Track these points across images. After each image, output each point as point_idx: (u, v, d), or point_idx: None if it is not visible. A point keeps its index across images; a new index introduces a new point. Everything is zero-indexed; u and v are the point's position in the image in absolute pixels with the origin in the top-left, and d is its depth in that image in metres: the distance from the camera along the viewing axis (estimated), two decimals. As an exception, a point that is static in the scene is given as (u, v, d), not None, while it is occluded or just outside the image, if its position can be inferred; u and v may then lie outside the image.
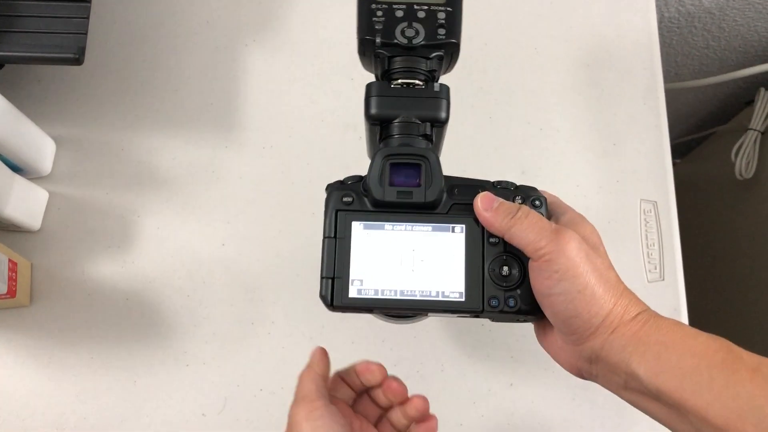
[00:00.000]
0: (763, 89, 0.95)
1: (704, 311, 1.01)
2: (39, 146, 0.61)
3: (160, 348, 0.60)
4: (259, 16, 0.70)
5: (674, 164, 0.70)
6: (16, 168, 0.59)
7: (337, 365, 0.61)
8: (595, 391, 0.60)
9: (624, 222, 0.66)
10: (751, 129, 0.95)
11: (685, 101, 1.10)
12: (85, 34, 0.56)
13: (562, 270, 0.38)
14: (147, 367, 0.60)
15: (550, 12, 0.73)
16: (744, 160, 0.95)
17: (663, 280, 0.64)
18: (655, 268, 0.64)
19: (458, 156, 0.64)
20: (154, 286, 0.61)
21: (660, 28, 0.72)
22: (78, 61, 0.55)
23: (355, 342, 0.61)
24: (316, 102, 0.68)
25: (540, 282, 0.40)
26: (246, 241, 0.63)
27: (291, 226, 0.64)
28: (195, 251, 0.63)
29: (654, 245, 0.65)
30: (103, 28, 0.68)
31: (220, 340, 0.61)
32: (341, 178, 0.44)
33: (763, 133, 0.96)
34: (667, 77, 0.70)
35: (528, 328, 0.62)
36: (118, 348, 0.60)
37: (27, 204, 0.59)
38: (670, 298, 0.63)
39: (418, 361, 0.61)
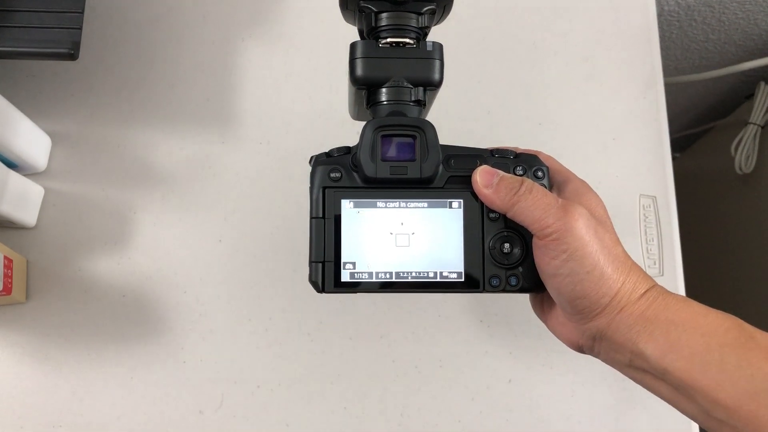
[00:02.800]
0: (763, 83, 0.95)
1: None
2: (34, 142, 0.61)
3: (157, 345, 0.60)
4: (256, 11, 0.70)
5: (673, 159, 0.69)
6: (11, 164, 0.58)
7: (334, 361, 0.61)
8: (594, 387, 0.60)
9: (623, 217, 0.65)
10: (751, 123, 0.95)
11: (684, 95, 1.09)
12: (80, 28, 0.55)
13: (570, 250, 0.37)
14: (144, 364, 0.59)
15: (548, 5, 0.72)
16: (744, 154, 0.95)
17: (662, 275, 0.64)
18: (655, 264, 0.63)
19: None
20: (150, 283, 0.61)
21: (659, 22, 0.72)
22: (72, 56, 0.55)
23: (353, 338, 0.61)
24: (314, 97, 0.67)
25: (545, 262, 0.39)
26: (243, 238, 0.63)
27: (288, 222, 0.63)
28: (191, 248, 0.62)
29: (653, 241, 0.65)
30: (99, 23, 0.67)
31: (217, 337, 0.60)
32: (327, 151, 0.41)
33: (762, 127, 0.95)
34: (667, 71, 0.70)
35: (527, 324, 0.61)
36: (115, 345, 0.59)
37: (22, 200, 0.59)
38: (670, 293, 0.63)
39: (416, 357, 0.61)
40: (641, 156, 0.67)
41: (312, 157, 0.42)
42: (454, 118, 0.67)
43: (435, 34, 0.42)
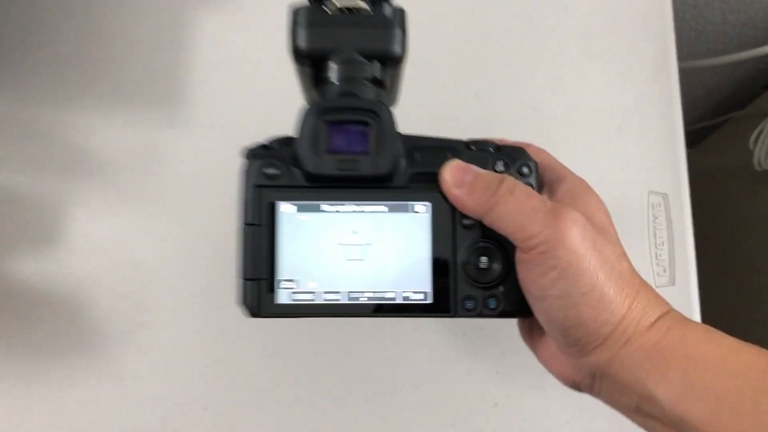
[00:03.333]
0: (784, 69, 0.87)
1: (720, 320, 0.92)
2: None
3: (90, 359, 0.52)
4: (213, -23, 0.61)
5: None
6: None
7: (294, 382, 0.53)
8: (594, 415, 0.52)
9: (629, 217, 0.57)
10: (770, 114, 0.87)
11: (698, 83, 1.00)
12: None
13: (562, 265, 0.30)
14: (73, 381, 0.52)
15: (547, -25, 0.63)
16: (764, 149, 0.87)
17: (673, 284, 0.56)
18: (665, 271, 0.55)
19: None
20: (84, 287, 0.53)
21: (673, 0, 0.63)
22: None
23: (318, 355, 0.53)
24: (276, 74, 0.59)
25: (531, 280, 0.32)
26: (191, 237, 0.55)
27: (243, 219, 0.55)
28: (132, 247, 0.54)
29: (663, 245, 0.57)
30: (30, -11, 0.59)
31: (159, 351, 0.52)
32: (264, 141, 0.34)
33: (783, 119, 0.87)
34: (679, 56, 0.61)
35: (517, 339, 0.53)
36: (41, 358, 0.52)
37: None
38: (682, 305, 0.54)
39: (390, 376, 0.53)
40: (650, 147, 0.59)
41: (245, 149, 0.35)
42: (436, 104, 0.59)
43: (412, 4, 0.35)
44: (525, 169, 0.34)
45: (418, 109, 0.49)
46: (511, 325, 0.53)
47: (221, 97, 0.58)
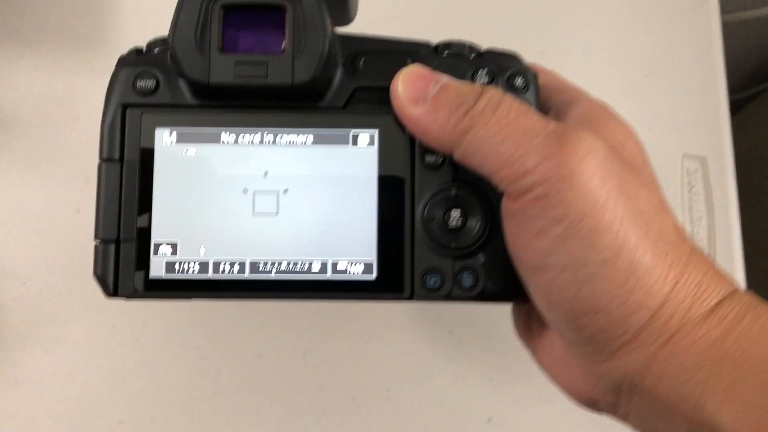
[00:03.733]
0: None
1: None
2: None
3: (-21, 359, 0.41)
4: None
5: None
6: None
7: (234, 388, 0.42)
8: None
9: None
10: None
11: (739, 40, 0.87)
12: None
13: (571, 217, 0.21)
14: (-42, 387, 0.41)
15: None
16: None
17: (715, 269, 0.44)
18: (703, 250, 0.44)
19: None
20: (-25, 269, 0.43)
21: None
22: None
23: (263, 354, 0.42)
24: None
25: (524, 242, 0.22)
26: (111, 207, 0.44)
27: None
28: (38, 220, 0.44)
29: (701, 220, 0.46)
30: None
31: (66, 350, 0.42)
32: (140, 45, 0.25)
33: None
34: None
35: (515, 336, 0.42)
36: None
37: None
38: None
39: (354, 384, 0.42)
40: (685, 101, 0.48)
41: (120, 58, 0.25)
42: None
43: None
44: (518, 80, 0.24)
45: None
46: (509, 317, 0.42)
47: (150, 38, 0.47)
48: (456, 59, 0.24)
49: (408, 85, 0.23)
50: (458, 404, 0.42)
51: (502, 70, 0.24)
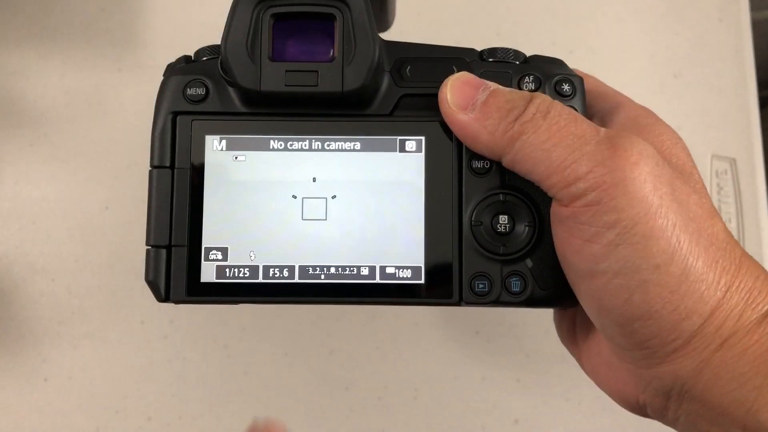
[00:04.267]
0: None
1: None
2: None
3: (9, 354, 0.42)
4: None
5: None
6: None
7: (261, 386, 0.43)
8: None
9: (689, 187, 0.45)
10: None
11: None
12: None
13: (624, 223, 0.21)
14: (-11, 382, 0.41)
15: None
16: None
17: (745, 272, 0.44)
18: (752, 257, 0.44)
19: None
20: (5, 265, 0.43)
21: None
22: None
23: (290, 354, 0.42)
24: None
25: (575, 248, 0.22)
26: (139, 204, 0.44)
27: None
28: (67, 216, 0.44)
29: (730, 221, 0.45)
30: None
31: (94, 346, 0.42)
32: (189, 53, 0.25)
33: None
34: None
35: (545, 337, 0.43)
36: (-49, 352, 0.42)
37: None
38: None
39: (381, 383, 0.42)
40: (715, 101, 0.48)
41: (168, 66, 0.26)
42: (448, 42, 0.48)
43: None
44: (566, 87, 0.24)
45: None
46: (541, 316, 0.42)
47: (182, 35, 0.47)
48: (502, 66, 0.24)
49: (456, 92, 0.23)
50: (485, 405, 0.42)
51: (549, 76, 0.24)
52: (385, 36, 0.27)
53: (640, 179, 0.21)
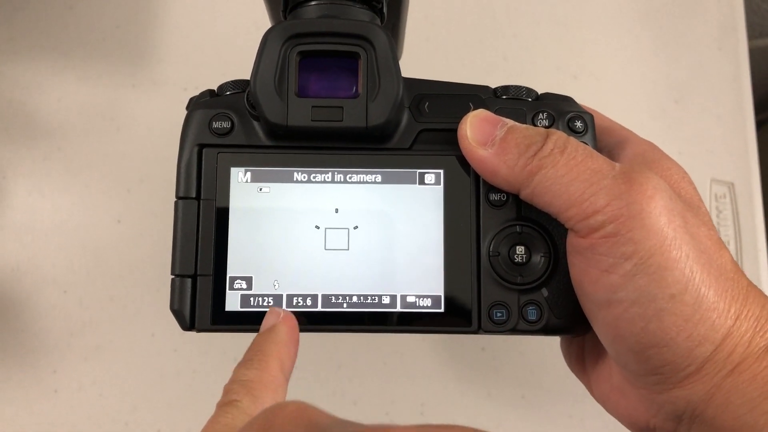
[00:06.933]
0: None
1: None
2: None
3: (19, 365, 0.43)
4: None
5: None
6: None
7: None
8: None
9: (688, 210, 0.47)
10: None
11: (764, 64, 0.88)
12: None
13: (641, 254, 0.22)
14: None
15: None
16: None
17: (742, 294, 0.45)
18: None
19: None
20: (17, 277, 0.44)
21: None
22: None
23: (299, 366, 0.43)
24: (261, 24, 0.49)
25: (593, 278, 0.23)
26: (150, 217, 0.45)
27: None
28: (79, 229, 0.45)
29: (729, 244, 0.46)
30: None
31: (105, 357, 0.43)
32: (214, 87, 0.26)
33: None
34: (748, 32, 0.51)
35: (547, 353, 0.44)
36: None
37: None
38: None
39: (388, 398, 0.43)
40: (714, 126, 0.49)
41: (190, 100, 0.26)
42: (456, 67, 0.49)
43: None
44: (578, 124, 0.25)
45: (432, 71, 0.40)
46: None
47: (195, 52, 0.48)
48: (516, 103, 0.25)
49: (476, 129, 0.24)
50: (489, 420, 0.43)
51: (562, 113, 0.25)
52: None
53: (655, 212, 0.22)
